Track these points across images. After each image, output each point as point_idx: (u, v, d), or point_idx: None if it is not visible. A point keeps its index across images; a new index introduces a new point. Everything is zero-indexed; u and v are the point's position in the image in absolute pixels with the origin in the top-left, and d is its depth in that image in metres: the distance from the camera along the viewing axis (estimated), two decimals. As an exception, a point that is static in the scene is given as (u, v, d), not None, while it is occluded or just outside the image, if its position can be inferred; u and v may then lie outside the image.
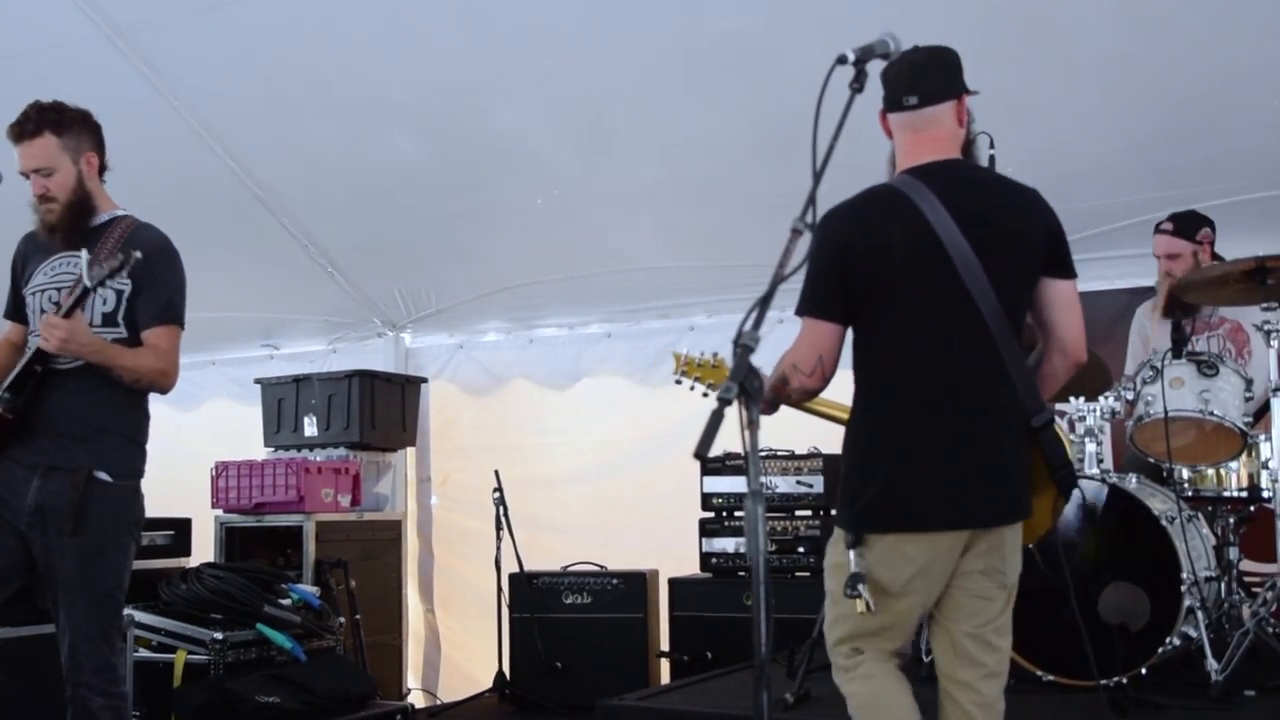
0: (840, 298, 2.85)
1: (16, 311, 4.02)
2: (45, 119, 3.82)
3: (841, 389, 3.08)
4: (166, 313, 3.85)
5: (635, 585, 6.51)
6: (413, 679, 7.54)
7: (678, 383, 3.92)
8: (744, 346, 2.06)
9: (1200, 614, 4.26)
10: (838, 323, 2.88)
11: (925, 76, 2.95)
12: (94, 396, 3.76)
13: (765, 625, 1.99)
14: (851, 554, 2.81)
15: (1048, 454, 2.89)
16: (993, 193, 2.97)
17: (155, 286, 3.78)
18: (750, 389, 1.99)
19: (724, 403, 1.97)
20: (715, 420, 1.98)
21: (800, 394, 2.85)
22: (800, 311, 2.90)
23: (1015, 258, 2.87)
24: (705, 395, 3.89)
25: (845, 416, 3.10)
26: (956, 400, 2.83)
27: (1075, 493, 4.45)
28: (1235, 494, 4.75)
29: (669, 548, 6.63)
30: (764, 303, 2.16)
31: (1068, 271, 2.97)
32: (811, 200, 2.34)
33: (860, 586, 2.77)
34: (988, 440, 2.84)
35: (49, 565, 3.71)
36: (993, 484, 2.85)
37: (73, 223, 3.86)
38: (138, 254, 3.64)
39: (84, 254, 3.66)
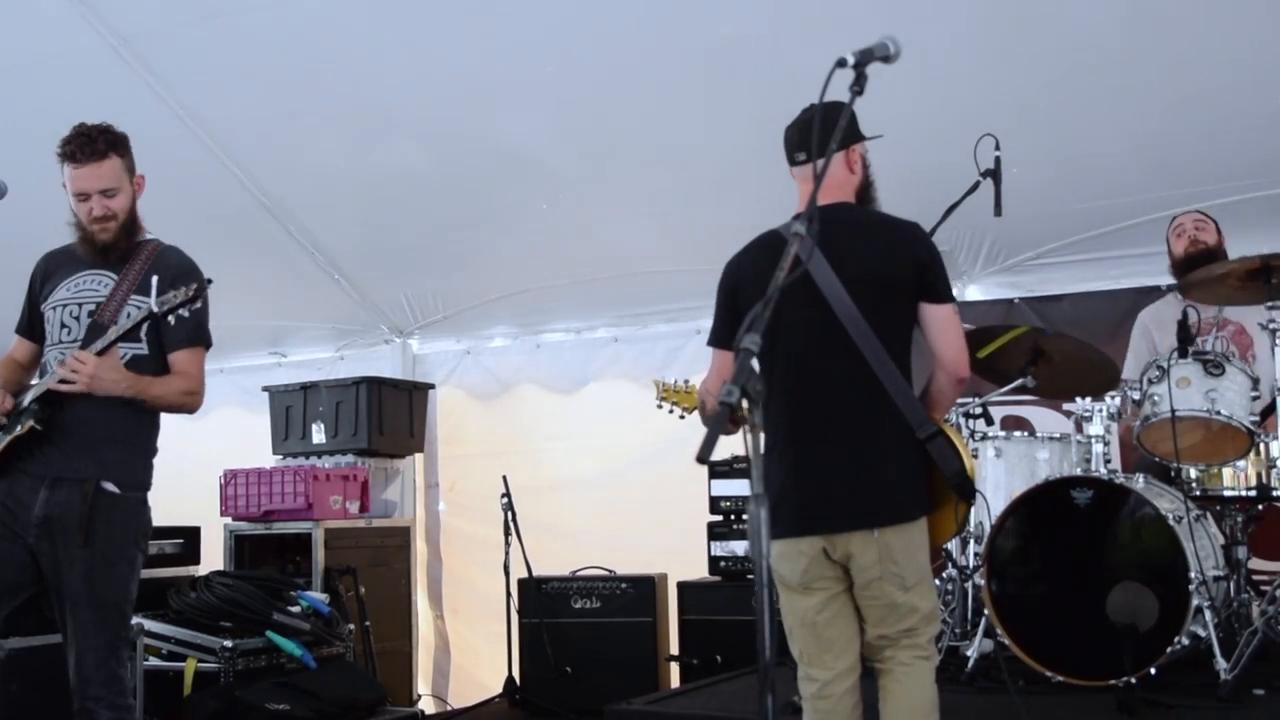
0: (731, 332, 3.15)
1: (30, 328, 4.05)
2: (110, 140, 3.86)
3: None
4: (196, 335, 3.91)
5: (644, 589, 6.51)
6: (423, 685, 7.55)
7: (658, 407, 4.41)
8: (745, 351, 2.06)
9: (1209, 613, 4.26)
10: (730, 351, 3.15)
11: (812, 134, 3.16)
12: (110, 408, 3.77)
13: (769, 629, 1.99)
14: None
15: (939, 464, 3.17)
16: (863, 230, 3.28)
17: (185, 310, 3.80)
18: (751, 392, 1.99)
19: (726, 406, 1.98)
20: (717, 424, 1.98)
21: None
22: (708, 342, 3.41)
23: (879, 288, 3.18)
24: (682, 418, 4.35)
25: None
26: (831, 420, 3.20)
27: (1084, 494, 4.49)
28: (1243, 493, 4.73)
29: (677, 551, 6.63)
30: (766, 306, 2.16)
31: (940, 298, 3.25)
32: (813, 202, 2.35)
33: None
34: (861, 454, 3.17)
35: (56, 576, 3.72)
36: (865, 492, 3.16)
37: (126, 242, 3.91)
38: (209, 279, 3.73)
39: (154, 280, 3.74)
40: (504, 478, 6.80)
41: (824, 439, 3.19)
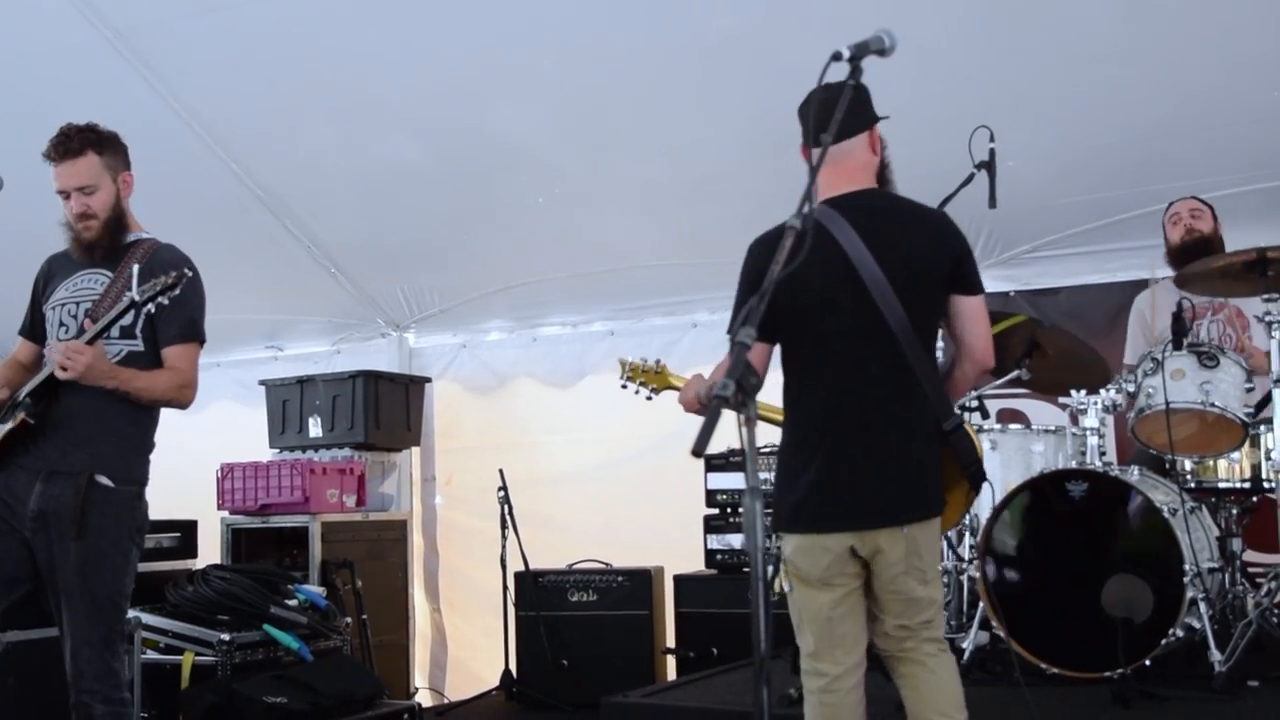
0: (760, 321, 3.00)
1: (33, 330, 4.07)
2: (87, 139, 3.88)
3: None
4: (189, 330, 3.92)
5: (640, 582, 6.52)
6: (420, 678, 7.55)
7: (623, 387, 4.41)
8: (740, 344, 2.06)
9: (1203, 605, 4.27)
10: (761, 341, 3.12)
11: (838, 113, 3.01)
12: (104, 402, 3.79)
13: (764, 622, 2.00)
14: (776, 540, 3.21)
15: (958, 453, 3.16)
16: (902, 220, 3.21)
17: (179, 305, 3.82)
18: (747, 386, 1.99)
19: (722, 400, 1.98)
20: (712, 418, 1.98)
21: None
22: (729, 330, 3.13)
23: (922, 279, 3.13)
24: (649, 399, 4.31)
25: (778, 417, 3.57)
26: (866, 413, 3.12)
27: (1078, 486, 4.51)
28: (1238, 485, 4.76)
29: (674, 544, 6.64)
30: (760, 299, 2.17)
31: (973, 289, 3.22)
32: (807, 197, 2.36)
33: (781, 566, 3.19)
34: (895, 448, 3.12)
35: (51, 570, 3.74)
36: (897, 487, 3.12)
37: (110, 240, 3.93)
38: (188, 272, 3.74)
39: (135, 269, 3.73)
40: (500, 471, 6.81)
41: (858, 431, 3.12)
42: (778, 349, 3.24)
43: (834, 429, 3.13)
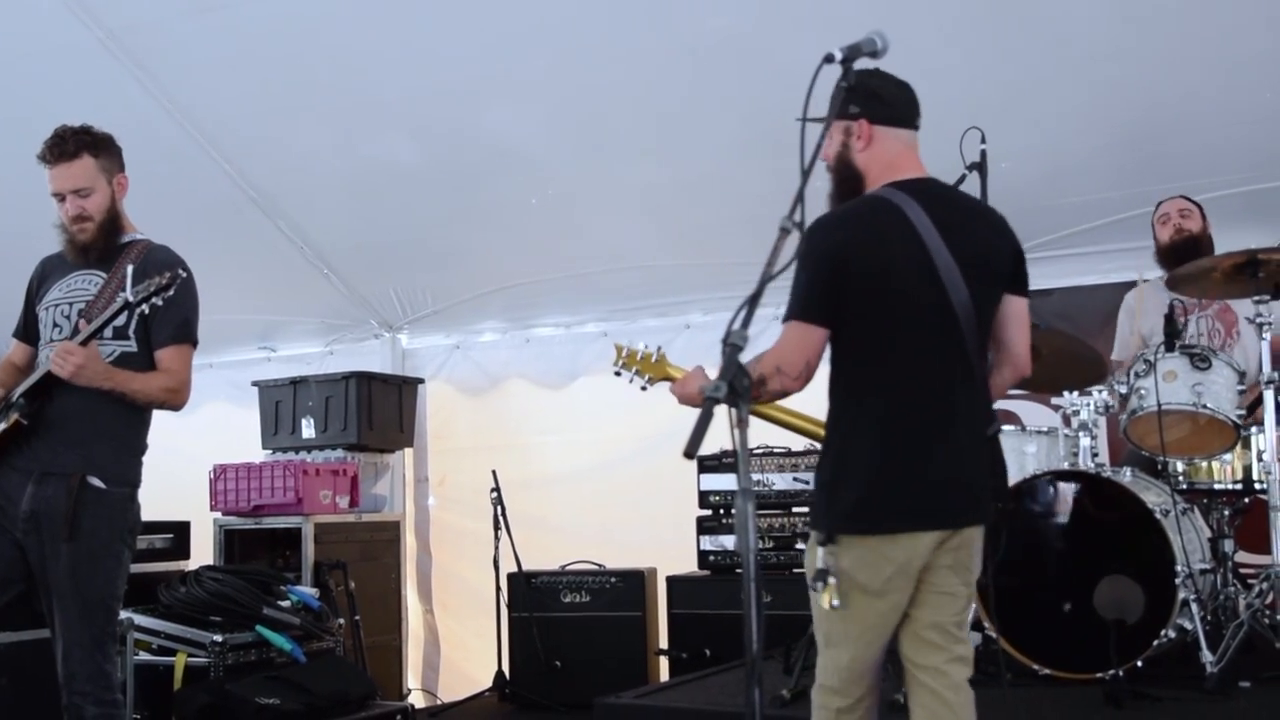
0: (834, 305, 2.90)
1: (26, 332, 4.08)
2: (82, 141, 3.88)
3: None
4: (182, 332, 3.92)
5: (633, 583, 6.52)
6: (412, 679, 7.55)
7: (617, 374, 4.19)
8: (733, 345, 2.07)
9: (1195, 606, 4.28)
10: (827, 328, 2.90)
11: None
12: (98, 403, 3.79)
13: (756, 623, 2.00)
14: (821, 551, 2.86)
15: (993, 461, 3.02)
16: (970, 211, 3.12)
17: (172, 306, 3.82)
18: (739, 387, 2.00)
19: (713, 401, 1.99)
20: (704, 419, 1.99)
21: (776, 395, 2.91)
22: (791, 316, 2.90)
23: (989, 274, 2.99)
24: (644, 389, 4.13)
25: (796, 422, 3.22)
26: (936, 407, 2.92)
27: (1071, 487, 4.52)
28: (1229, 486, 4.77)
29: (667, 546, 6.65)
30: (753, 301, 2.18)
31: (1025, 290, 3.11)
32: (799, 199, 2.36)
33: (829, 580, 2.82)
34: (961, 445, 2.94)
35: (43, 571, 3.74)
36: (967, 486, 2.95)
37: (105, 242, 3.93)
38: (182, 273, 3.74)
39: (130, 269, 3.74)
40: (493, 472, 6.81)
41: (922, 429, 2.91)
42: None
43: (902, 421, 2.91)
